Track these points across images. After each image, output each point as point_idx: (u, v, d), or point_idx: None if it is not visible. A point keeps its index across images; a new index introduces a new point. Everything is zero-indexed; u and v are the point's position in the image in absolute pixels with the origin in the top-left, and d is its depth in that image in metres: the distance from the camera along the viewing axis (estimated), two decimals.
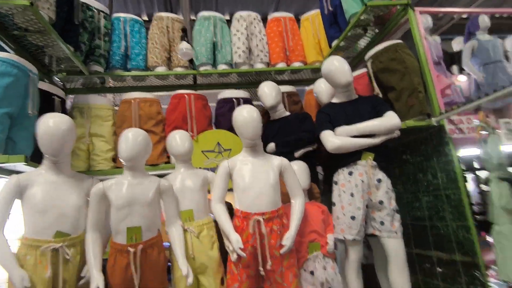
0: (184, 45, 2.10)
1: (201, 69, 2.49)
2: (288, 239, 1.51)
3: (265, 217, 1.50)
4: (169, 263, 1.60)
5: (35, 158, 1.54)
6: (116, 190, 1.43)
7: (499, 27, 3.75)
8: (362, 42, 2.52)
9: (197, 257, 1.56)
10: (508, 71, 3.03)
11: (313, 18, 2.74)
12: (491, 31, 3.22)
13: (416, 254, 2.18)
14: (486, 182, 1.57)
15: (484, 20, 3.20)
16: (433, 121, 1.78)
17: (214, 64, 2.55)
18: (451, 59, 3.54)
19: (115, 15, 2.50)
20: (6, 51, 1.87)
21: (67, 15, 2.01)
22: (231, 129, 1.92)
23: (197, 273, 1.56)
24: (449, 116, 1.74)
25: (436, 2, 5.09)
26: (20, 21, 1.70)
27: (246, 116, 1.54)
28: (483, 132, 1.59)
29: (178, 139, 1.73)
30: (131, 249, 1.37)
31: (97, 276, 1.31)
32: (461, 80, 3.30)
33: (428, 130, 1.91)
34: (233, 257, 1.48)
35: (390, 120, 1.68)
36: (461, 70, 3.36)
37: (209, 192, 1.75)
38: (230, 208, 1.69)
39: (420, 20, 1.96)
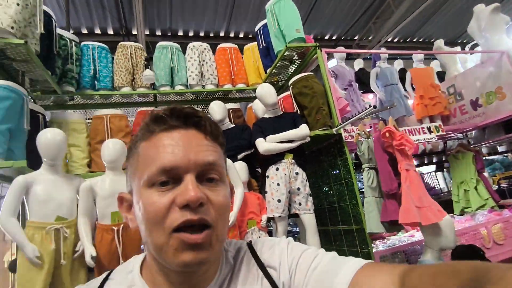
0: (147, 72, 2.63)
1: (161, 89, 3.00)
2: (231, 216, 2.10)
3: None
4: None
5: (30, 163, 1.95)
6: (101, 185, 1.91)
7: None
8: (291, 69, 3.26)
9: None
10: (400, 91, 4.01)
11: (253, 48, 3.42)
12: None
13: (331, 230, 2.91)
14: (361, 171, 2.32)
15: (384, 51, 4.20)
16: (333, 130, 2.52)
17: (172, 85, 3.08)
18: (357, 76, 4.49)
19: (84, 42, 2.92)
20: None
21: (47, 46, 2.41)
22: None
23: None
24: (344, 127, 2.50)
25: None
26: (11, 53, 2.09)
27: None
28: (360, 138, 2.35)
29: None
30: (115, 228, 1.86)
31: (89, 247, 1.77)
32: (370, 98, 4.23)
33: (332, 137, 2.66)
34: None
35: (302, 130, 2.38)
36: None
37: None
38: None
39: (325, 57, 2.73)
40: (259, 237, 2.28)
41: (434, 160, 6.14)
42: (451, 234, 1.95)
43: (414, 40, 9.26)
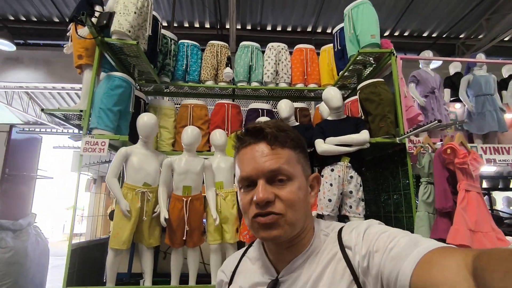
0: (227, 70, 2.99)
1: (239, 84, 3.35)
2: None
3: None
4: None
5: (130, 138, 2.51)
6: (178, 162, 2.35)
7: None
8: (366, 72, 3.23)
9: (222, 212, 2.43)
10: (496, 103, 3.55)
11: (329, 50, 3.49)
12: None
13: None
14: (419, 184, 2.24)
15: (481, 58, 3.75)
16: (397, 139, 2.48)
17: (249, 81, 3.40)
18: (452, 82, 4.07)
19: (181, 41, 3.44)
20: (112, 65, 2.84)
21: (152, 44, 2.97)
22: None
23: (221, 223, 2.43)
24: (408, 137, 2.44)
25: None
26: (127, 51, 2.67)
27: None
28: (423, 151, 2.26)
29: (218, 135, 2.61)
30: (185, 199, 2.28)
31: (164, 211, 2.23)
32: (456, 107, 3.85)
33: (395, 146, 2.62)
34: None
35: (362, 136, 2.42)
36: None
37: None
38: None
39: (400, 64, 2.66)
40: None
41: None
42: None
43: None
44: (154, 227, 2.33)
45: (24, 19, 6.86)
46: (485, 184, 5.16)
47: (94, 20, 2.34)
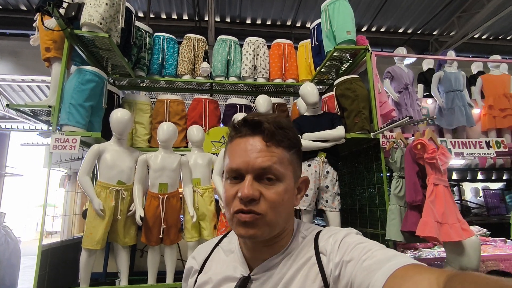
0: (204, 64, 2.94)
1: (216, 79, 3.31)
2: None
3: None
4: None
5: (104, 135, 2.43)
6: (154, 159, 2.30)
7: None
8: (343, 67, 3.27)
9: (200, 208, 2.41)
10: (464, 99, 3.71)
11: (307, 45, 3.50)
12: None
13: (360, 231, 2.96)
14: (390, 178, 2.33)
15: (451, 55, 3.89)
16: (371, 135, 2.55)
17: (227, 76, 3.36)
18: (425, 78, 4.21)
19: (156, 34, 3.34)
20: (83, 58, 2.73)
21: (126, 37, 2.87)
22: None
23: (199, 219, 2.41)
24: (382, 132, 2.50)
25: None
26: (99, 44, 2.56)
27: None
28: (395, 146, 2.34)
29: (195, 131, 2.57)
30: (161, 196, 2.24)
31: (140, 209, 2.19)
32: (428, 103, 3.99)
33: (370, 142, 2.68)
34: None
35: (338, 131, 2.46)
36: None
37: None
38: None
39: (374, 60, 2.71)
40: None
41: (505, 177, 5.51)
42: (474, 255, 1.89)
43: (508, 38, 8.09)
44: (130, 226, 2.29)
45: None
46: (455, 176, 5.42)
47: (62, 11, 2.22)
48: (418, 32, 7.81)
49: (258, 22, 7.50)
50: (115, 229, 2.22)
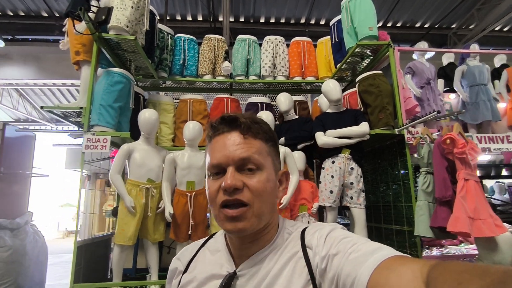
0: (226, 64, 2.97)
1: (237, 78, 3.34)
2: (285, 199, 2.36)
3: None
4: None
5: (131, 134, 2.49)
6: (181, 158, 2.36)
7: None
8: (363, 63, 3.25)
9: None
10: (489, 93, 3.62)
11: (326, 42, 3.49)
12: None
13: (384, 228, 2.95)
14: (418, 174, 2.30)
15: (474, 48, 3.80)
16: (396, 131, 2.53)
17: (247, 74, 3.39)
18: (445, 72, 4.12)
19: (177, 35, 3.40)
20: (108, 60, 2.81)
21: (149, 39, 2.93)
22: None
23: None
24: (407, 128, 2.48)
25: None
26: (124, 46, 2.63)
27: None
28: (422, 141, 2.31)
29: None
30: (189, 194, 2.29)
31: (169, 206, 2.24)
32: (451, 98, 3.92)
33: (394, 138, 2.66)
34: None
35: (362, 128, 2.45)
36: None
37: None
38: None
39: (397, 56, 2.69)
40: (308, 222, 2.49)
41: None
42: (508, 251, 1.86)
43: None
44: (159, 223, 2.35)
45: (12, 14, 6.68)
46: (478, 173, 5.28)
47: (91, 15, 2.30)
48: (436, 26, 7.64)
49: (272, 21, 7.50)
50: (145, 226, 2.28)
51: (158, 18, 3.06)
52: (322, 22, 7.49)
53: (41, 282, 4.40)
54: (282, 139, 2.80)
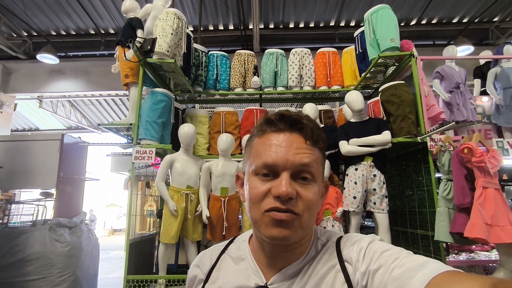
0: (255, 78, 3.23)
1: (265, 90, 3.58)
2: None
3: None
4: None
5: (172, 146, 2.83)
6: (216, 166, 2.65)
7: None
8: (388, 71, 3.34)
9: None
10: None
11: (351, 51, 3.61)
12: None
13: (410, 232, 3.03)
14: (439, 181, 2.37)
15: (509, 50, 3.71)
16: (418, 139, 2.62)
17: (275, 86, 3.62)
18: (482, 72, 4.04)
19: (210, 52, 3.72)
20: (151, 79, 3.18)
21: (186, 58, 3.26)
22: None
23: None
24: (430, 136, 2.56)
25: None
26: (165, 67, 2.97)
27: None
28: (443, 149, 2.38)
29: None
30: (223, 199, 2.57)
31: (205, 210, 2.54)
32: (484, 101, 3.84)
33: (418, 145, 2.74)
34: None
35: (384, 137, 2.58)
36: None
37: None
38: None
39: (420, 65, 2.76)
40: (333, 226, 2.66)
41: None
42: None
43: None
44: (197, 224, 2.66)
45: (64, 33, 7.48)
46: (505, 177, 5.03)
47: (137, 44, 2.66)
48: (476, 21, 7.28)
49: (301, 25, 7.61)
50: (186, 227, 2.60)
51: (193, 37, 3.38)
52: (352, 23, 7.46)
53: (94, 275, 4.96)
54: None
